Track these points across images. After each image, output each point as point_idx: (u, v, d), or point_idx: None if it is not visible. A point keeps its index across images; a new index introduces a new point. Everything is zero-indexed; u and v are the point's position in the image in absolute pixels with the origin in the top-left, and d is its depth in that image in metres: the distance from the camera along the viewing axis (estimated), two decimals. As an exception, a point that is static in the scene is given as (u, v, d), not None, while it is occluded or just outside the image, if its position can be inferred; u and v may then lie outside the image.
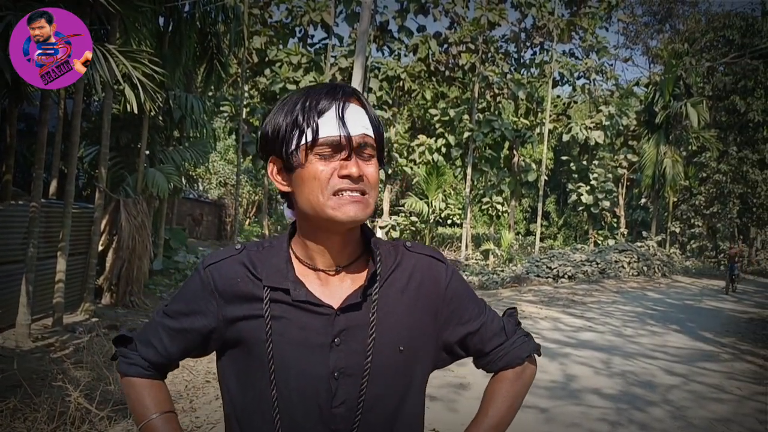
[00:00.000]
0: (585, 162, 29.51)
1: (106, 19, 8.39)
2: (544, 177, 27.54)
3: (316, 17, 23.73)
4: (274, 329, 1.15)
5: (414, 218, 25.17)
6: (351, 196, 1.11)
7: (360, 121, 1.13)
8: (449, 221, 29.04)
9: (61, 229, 7.77)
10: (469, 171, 25.32)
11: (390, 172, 25.57)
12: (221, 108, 22.24)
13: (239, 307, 1.19)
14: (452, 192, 34.71)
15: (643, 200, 31.16)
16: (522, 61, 28.81)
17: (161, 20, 10.98)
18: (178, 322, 1.25)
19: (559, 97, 32.33)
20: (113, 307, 9.43)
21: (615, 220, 32.49)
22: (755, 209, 28.50)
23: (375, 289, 1.19)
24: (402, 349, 1.19)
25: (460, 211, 27.65)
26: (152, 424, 1.25)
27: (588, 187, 28.46)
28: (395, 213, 26.46)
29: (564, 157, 31.33)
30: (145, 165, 10.53)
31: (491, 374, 1.36)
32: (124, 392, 1.34)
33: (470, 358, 1.37)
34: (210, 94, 17.62)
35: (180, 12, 11.03)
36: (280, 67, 23.57)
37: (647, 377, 7.16)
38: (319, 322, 1.15)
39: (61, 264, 7.72)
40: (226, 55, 13.95)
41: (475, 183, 28.24)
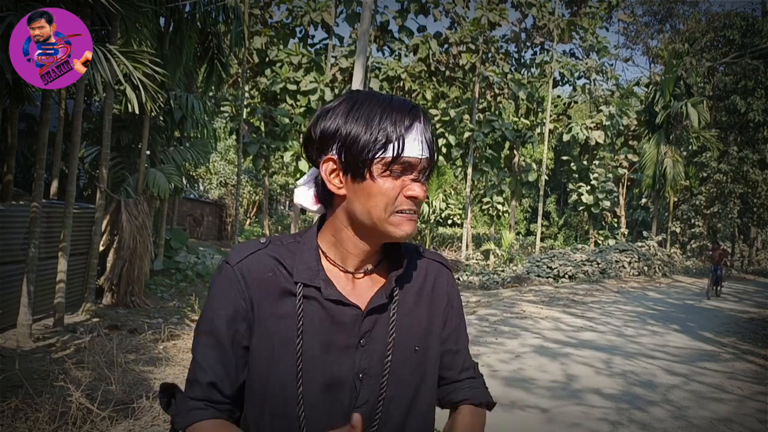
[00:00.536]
0: (585, 162, 29.53)
1: (107, 19, 8.40)
2: (544, 177, 27.56)
3: (316, 17, 23.75)
4: (305, 327, 1.15)
5: (414, 218, 25.14)
6: (410, 215, 1.14)
7: (426, 143, 1.15)
8: (450, 221, 29.11)
9: (62, 229, 7.78)
10: (469, 171, 25.33)
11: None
12: (222, 108, 22.26)
13: (271, 302, 1.16)
14: (453, 192, 34.72)
15: (644, 200, 31.16)
16: (522, 61, 28.87)
17: (162, 20, 10.99)
18: (224, 329, 1.16)
19: (559, 97, 32.36)
20: (114, 307, 9.44)
21: (615, 220, 32.51)
22: (756, 209, 28.51)
23: (396, 289, 1.22)
24: (417, 349, 1.22)
25: (461, 211, 27.69)
26: None
27: (588, 187, 28.47)
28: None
29: (564, 157, 31.35)
30: (146, 165, 10.53)
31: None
32: None
33: None
34: (210, 94, 17.62)
35: (181, 12, 11.03)
36: (280, 67, 23.58)
37: (648, 377, 7.16)
38: (347, 323, 1.16)
39: (62, 264, 7.72)
40: (227, 55, 13.95)
41: (476, 183, 28.26)
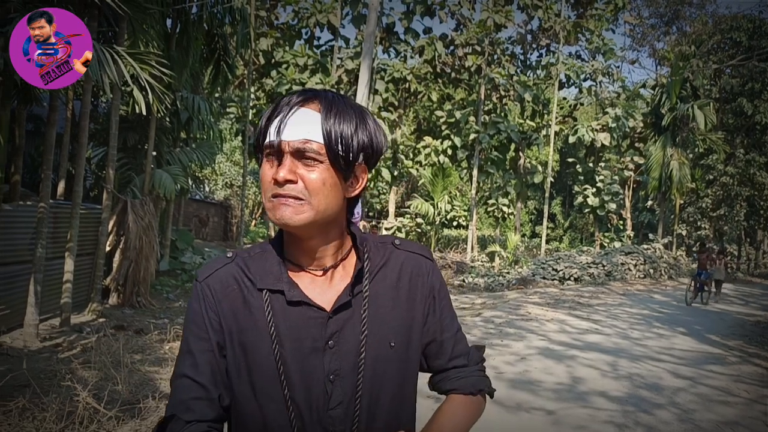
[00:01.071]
0: (591, 164, 29.47)
1: (115, 21, 8.43)
2: (550, 179, 27.52)
3: (322, 19, 23.79)
4: (277, 333, 1.15)
5: (419, 220, 25.18)
6: (279, 200, 1.12)
7: (306, 126, 1.11)
8: (455, 223, 29.07)
9: (69, 229, 7.81)
10: (474, 173, 25.31)
11: (396, 173, 25.58)
12: (228, 109, 22.32)
13: (239, 315, 1.17)
14: (458, 194, 34.69)
15: (650, 202, 31.10)
16: (528, 63, 28.79)
17: (169, 22, 11.04)
18: (206, 344, 1.18)
19: (565, 99, 32.30)
20: (120, 308, 9.47)
21: (621, 222, 32.42)
22: (762, 212, 28.41)
23: (365, 286, 1.20)
24: (393, 345, 1.20)
25: (466, 213, 27.66)
26: None
27: (594, 189, 28.40)
28: (401, 215, 26.47)
29: (570, 159, 31.28)
30: (153, 166, 10.57)
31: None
32: None
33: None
34: (216, 95, 17.69)
35: (187, 14, 11.07)
36: (286, 68, 23.63)
37: (654, 380, 7.14)
38: (312, 325, 1.16)
39: (69, 264, 7.76)
40: (233, 56, 13.99)
41: (481, 185, 28.24)
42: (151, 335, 7.48)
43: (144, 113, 7.67)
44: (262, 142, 1.15)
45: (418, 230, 25.48)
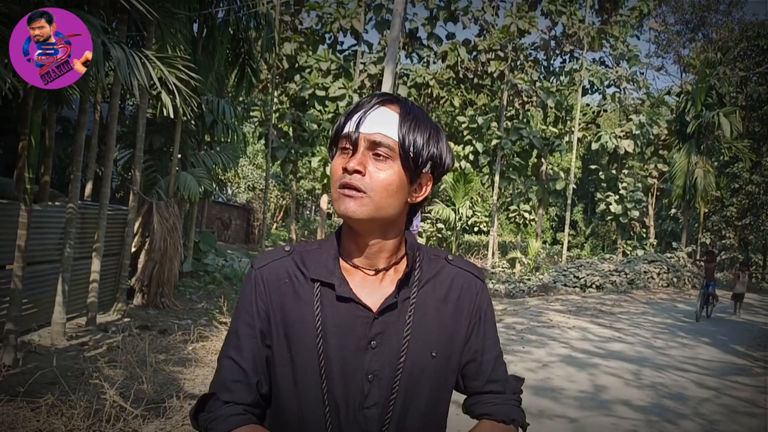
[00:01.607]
0: (614, 171, 29.19)
1: (143, 25, 8.57)
2: (572, 186, 27.31)
3: (346, 24, 23.87)
4: (323, 329, 1.18)
5: (441, 225, 25.14)
6: (344, 191, 1.15)
7: (383, 123, 1.17)
8: (476, 229, 28.95)
9: (96, 230, 7.93)
10: (496, 179, 25.22)
11: (417, 178, 25.50)
12: (251, 113, 22.47)
13: (286, 307, 1.21)
14: (479, 199, 34.60)
15: (673, 210, 30.70)
16: (551, 69, 28.64)
17: (195, 27, 11.18)
18: (251, 330, 1.23)
19: (588, 105, 32.06)
20: (145, 308, 9.58)
21: (644, 230, 32.06)
22: (789, 221, 27.90)
23: (413, 292, 1.22)
24: (434, 355, 1.21)
25: (487, 219, 27.55)
26: None
27: (617, 197, 28.12)
28: (422, 220, 26.38)
29: (592, 166, 31.02)
30: (177, 168, 10.69)
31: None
32: None
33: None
34: (241, 99, 17.82)
35: (214, 18, 11.22)
36: (309, 73, 23.75)
37: (678, 389, 7.07)
38: (358, 324, 1.18)
39: (96, 264, 7.88)
40: (257, 60, 14.12)
41: (503, 191, 28.10)
42: (174, 336, 7.57)
43: (171, 116, 7.78)
44: (339, 134, 1.20)
45: (439, 236, 25.44)
